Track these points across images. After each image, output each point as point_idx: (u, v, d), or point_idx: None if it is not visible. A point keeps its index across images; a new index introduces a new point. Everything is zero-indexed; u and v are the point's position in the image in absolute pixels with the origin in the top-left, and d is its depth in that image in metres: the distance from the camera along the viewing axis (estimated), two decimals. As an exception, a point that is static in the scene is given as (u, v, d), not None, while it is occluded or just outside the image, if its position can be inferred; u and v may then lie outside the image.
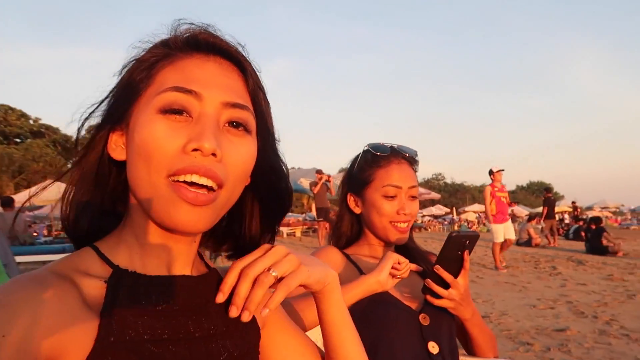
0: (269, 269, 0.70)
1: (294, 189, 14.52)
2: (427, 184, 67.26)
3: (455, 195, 69.38)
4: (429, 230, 29.08)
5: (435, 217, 37.44)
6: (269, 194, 0.79)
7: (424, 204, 38.01)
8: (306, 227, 20.09)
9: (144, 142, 0.62)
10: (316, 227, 14.49)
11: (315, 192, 12.12)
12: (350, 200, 1.55)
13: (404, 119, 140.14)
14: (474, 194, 65.52)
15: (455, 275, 1.32)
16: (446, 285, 1.31)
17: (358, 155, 1.57)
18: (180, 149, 0.62)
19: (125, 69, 0.70)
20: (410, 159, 1.52)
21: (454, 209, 39.89)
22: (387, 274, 1.28)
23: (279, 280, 0.71)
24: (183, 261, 0.72)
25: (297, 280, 0.72)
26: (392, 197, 1.45)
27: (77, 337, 0.57)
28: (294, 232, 19.45)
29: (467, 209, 39.50)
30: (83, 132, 0.72)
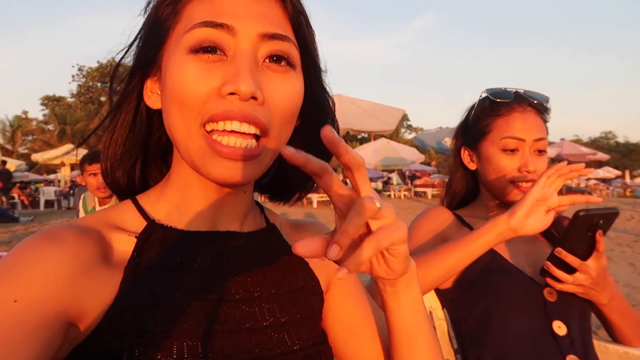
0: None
1: (439, 149, 14.14)
2: (595, 144, 59.81)
3: (629, 156, 60.68)
4: (595, 194, 25.75)
5: (603, 180, 33.25)
6: (313, 133, 0.65)
7: (589, 166, 33.93)
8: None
9: (175, 87, 0.56)
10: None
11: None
12: (465, 155, 1.39)
13: (565, 73, 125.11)
14: (654, 155, 56.58)
15: (585, 257, 1.11)
16: (571, 270, 1.11)
17: (474, 104, 1.38)
18: (215, 92, 0.55)
19: (150, 6, 0.64)
20: (538, 107, 1.28)
21: (628, 171, 34.99)
22: (523, 217, 1.05)
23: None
24: (229, 215, 0.65)
25: (391, 238, 0.50)
26: (512, 150, 1.25)
27: (94, 294, 0.54)
28: (440, 193, 18.92)
29: (644, 171, 34.30)
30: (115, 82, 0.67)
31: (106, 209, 0.65)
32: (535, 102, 1.28)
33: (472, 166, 1.37)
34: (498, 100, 1.29)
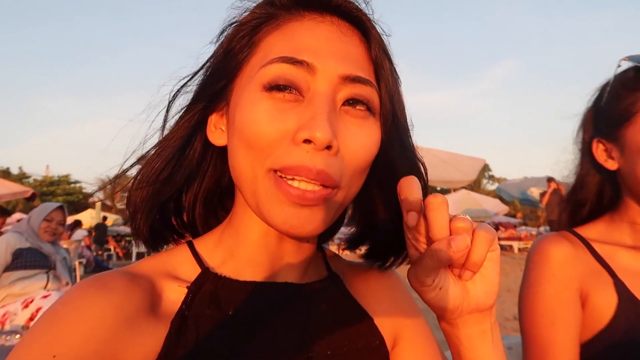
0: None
1: (523, 199, 13.41)
2: None
3: None
4: None
5: None
6: (388, 187, 0.60)
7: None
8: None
9: (245, 126, 0.53)
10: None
11: (543, 203, 10.93)
12: (599, 150, 0.99)
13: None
14: None
15: None
16: None
17: (608, 80, 1.01)
18: (287, 136, 0.51)
19: (224, 35, 0.60)
20: None
21: None
22: None
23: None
24: (289, 266, 0.61)
25: (491, 232, 0.50)
26: None
27: (137, 349, 0.50)
28: (527, 247, 17.82)
29: None
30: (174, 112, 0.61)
31: (162, 253, 0.62)
32: None
33: (612, 164, 0.97)
34: None
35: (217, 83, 0.59)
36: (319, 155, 0.51)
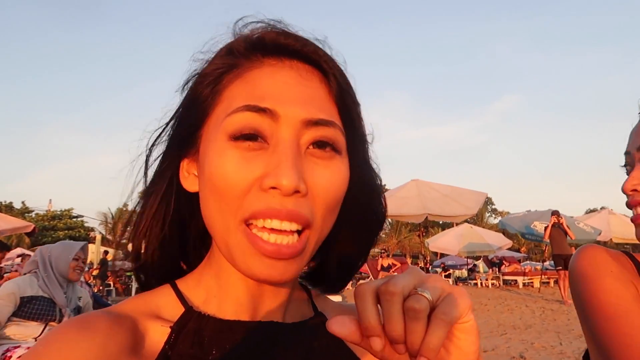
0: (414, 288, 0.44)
1: (526, 233, 13.33)
2: None
3: None
4: None
5: None
6: (360, 215, 0.64)
7: None
8: (545, 277, 17.99)
9: (214, 176, 0.53)
10: (556, 277, 12.91)
11: (545, 237, 10.87)
12: None
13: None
14: None
15: None
16: None
17: None
18: (255, 184, 0.52)
19: (188, 86, 0.62)
20: None
21: None
22: None
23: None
24: (272, 304, 0.61)
25: (460, 309, 0.43)
26: None
27: None
28: (532, 282, 17.58)
29: None
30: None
31: (145, 293, 0.62)
32: None
33: None
34: None
35: (185, 130, 0.60)
36: (287, 199, 0.51)
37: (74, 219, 41.33)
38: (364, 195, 0.64)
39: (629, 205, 0.96)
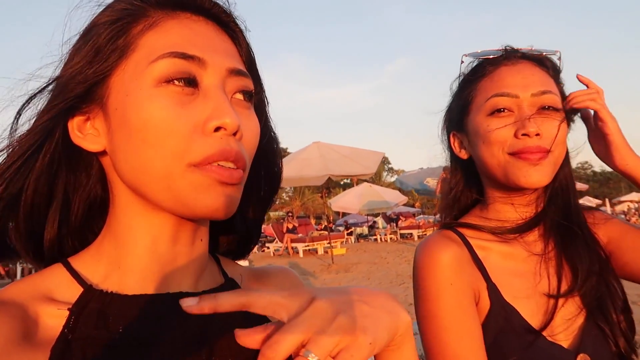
0: (303, 346, 0.40)
1: (420, 189, 14.21)
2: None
3: (607, 184, 61.96)
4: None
5: (584, 210, 33.57)
6: (264, 173, 0.69)
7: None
8: (437, 228, 19.46)
9: (148, 123, 0.51)
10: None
11: (437, 192, 11.69)
12: (455, 142, 1.05)
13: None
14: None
15: None
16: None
17: (456, 77, 1.06)
18: (198, 128, 0.52)
19: (86, 35, 0.56)
20: (535, 57, 0.96)
21: (607, 200, 35.63)
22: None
23: None
24: (182, 271, 0.58)
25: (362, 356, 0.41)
26: (502, 111, 0.91)
27: None
28: (426, 233, 18.96)
29: (622, 198, 34.99)
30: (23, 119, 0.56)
31: (32, 276, 0.55)
32: (531, 54, 0.96)
33: (464, 154, 1.03)
34: (482, 58, 0.99)
35: (81, 85, 0.54)
36: (232, 139, 0.53)
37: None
38: (270, 149, 0.68)
39: None
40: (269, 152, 0.68)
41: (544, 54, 0.97)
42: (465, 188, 1.06)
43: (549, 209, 0.97)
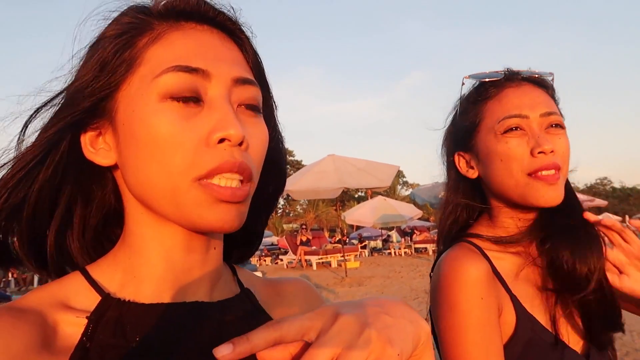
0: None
1: (435, 202, 14.07)
2: (591, 191, 60.04)
3: (627, 201, 60.82)
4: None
5: (603, 227, 32.94)
6: (270, 181, 0.67)
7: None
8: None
9: (154, 139, 0.51)
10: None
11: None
12: (461, 162, 1.07)
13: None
14: (651, 198, 56.79)
15: None
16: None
17: (458, 98, 1.10)
18: (202, 141, 0.52)
19: (93, 48, 0.56)
20: (536, 80, 1.02)
21: (627, 217, 34.94)
22: None
23: None
24: (197, 281, 0.58)
25: None
26: (516, 129, 0.95)
27: None
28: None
29: (643, 215, 34.27)
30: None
31: (50, 284, 0.56)
32: (531, 76, 1.02)
33: (473, 173, 1.05)
34: (486, 80, 1.04)
35: (88, 98, 0.54)
36: (236, 150, 0.53)
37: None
38: (278, 157, 0.67)
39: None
40: (274, 154, 0.66)
41: (545, 77, 1.04)
42: (467, 206, 1.09)
43: (555, 215, 0.98)
